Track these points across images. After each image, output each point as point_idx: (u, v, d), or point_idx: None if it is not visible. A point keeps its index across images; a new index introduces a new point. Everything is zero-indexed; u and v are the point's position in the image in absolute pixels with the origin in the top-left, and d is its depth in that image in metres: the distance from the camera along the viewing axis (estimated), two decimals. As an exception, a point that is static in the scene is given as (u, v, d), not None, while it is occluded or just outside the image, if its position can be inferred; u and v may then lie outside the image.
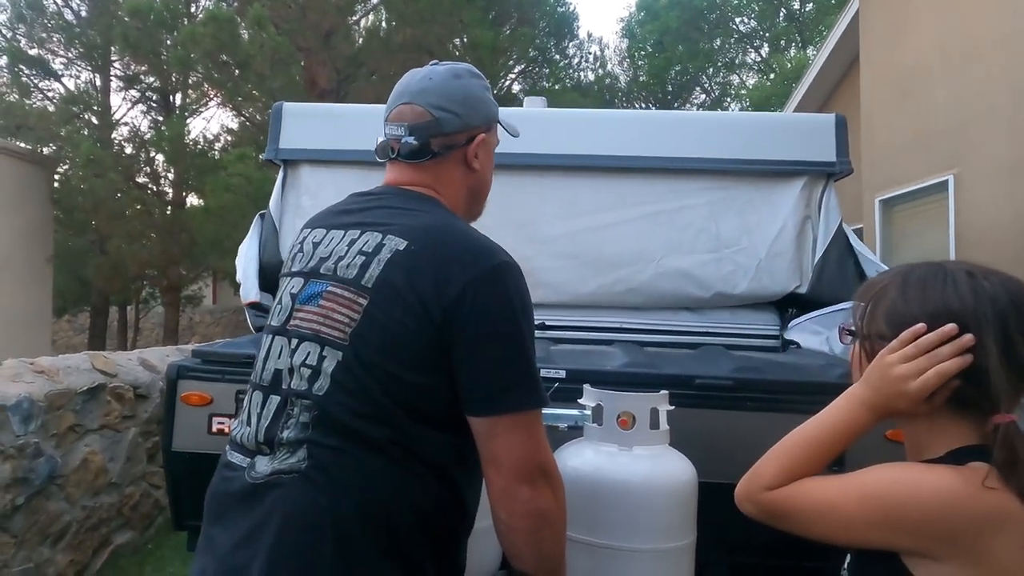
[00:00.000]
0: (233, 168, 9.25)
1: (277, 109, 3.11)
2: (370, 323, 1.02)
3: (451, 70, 1.23)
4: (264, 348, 1.12)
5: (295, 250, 1.18)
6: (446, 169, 1.19)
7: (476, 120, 1.21)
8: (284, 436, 1.02)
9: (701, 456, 1.68)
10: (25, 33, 12.08)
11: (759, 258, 2.87)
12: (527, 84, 16.34)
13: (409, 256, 1.04)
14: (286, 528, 0.98)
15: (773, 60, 20.68)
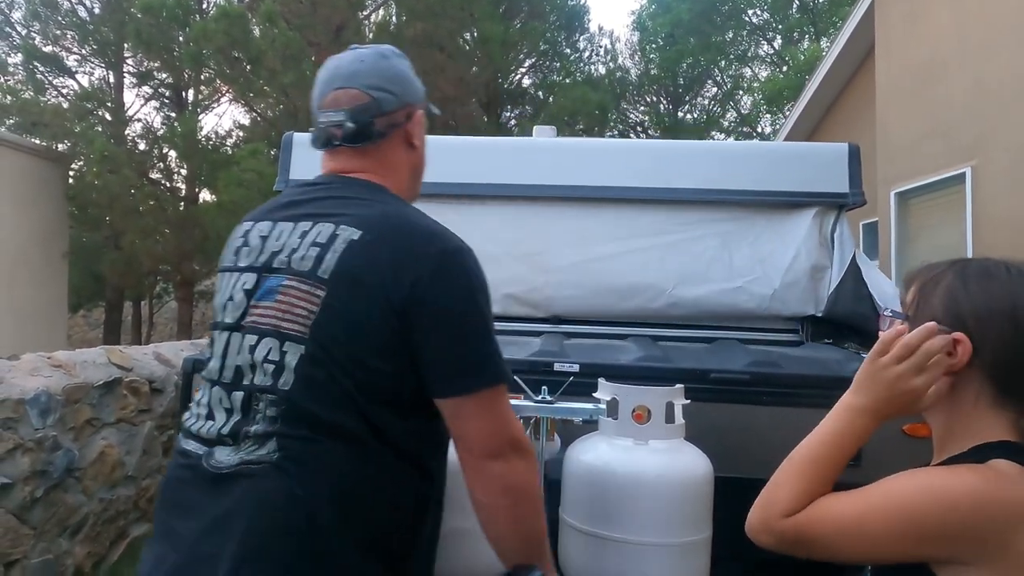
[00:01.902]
0: (245, 163, 9.29)
1: (287, 139, 3.11)
2: (329, 314, 1.02)
3: (378, 51, 1.22)
4: (220, 345, 1.10)
5: (238, 243, 1.15)
6: (390, 150, 1.20)
7: (411, 97, 1.22)
8: (252, 430, 1.02)
9: (716, 451, 1.67)
10: (39, 31, 12.18)
11: (773, 287, 2.86)
12: (537, 78, 16.29)
13: (364, 246, 1.04)
14: (260, 517, 0.97)
15: (786, 52, 20.49)
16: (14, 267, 9.57)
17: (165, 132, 12.24)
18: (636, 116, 23.01)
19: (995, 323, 0.88)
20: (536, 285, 2.92)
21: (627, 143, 3.45)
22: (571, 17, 16.70)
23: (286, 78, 9.72)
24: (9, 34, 12.36)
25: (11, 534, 2.59)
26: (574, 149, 3.09)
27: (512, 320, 2.95)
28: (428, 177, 2.96)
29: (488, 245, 2.95)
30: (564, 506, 1.64)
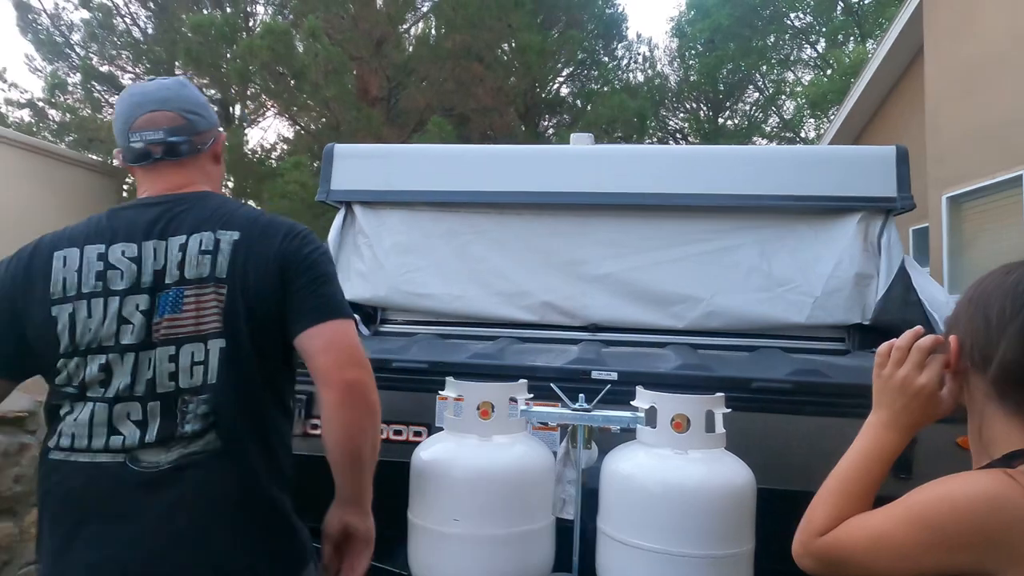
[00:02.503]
0: (289, 175, 9.52)
1: (328, 151, 3.16)
2: (234, 304, 1.21)
3: (178, 80, 1.39)
4: (124, 365, 1.19)
5: (98, 268, 1.21)
6: (203, 165, 1.38)
7: (214, 120, 1.42)
8: (185, 430, 1.17)
9: (758, 461, 1.63)
10: (97, 51, 12.71)
11: (815, 295, 2.78)
12: (575, 87, 16.29)
13: (246, 242, 1.24)
14: (212, 497, 1.16)
15: (830, 55, 20.05)
16: (71, 277, 9.96)
17: (213, 146, 12.60)
18: (675, 123, 22.81)
19: (973, 322, 0.90)
20: (573, 293, 2.91)
21: (664, 149, 3.38)
22: (609, 25, 16.67)
23: (328, 92, 9.94)
24: (69, 55, 12.93)
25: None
26: (611, 156, 3.06)
27: (549, 328, 2.94)
28: (466, 186, 3.01)
29: (526, 254, 2.96)
30: (602, 515, 1.62)
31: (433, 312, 2.99)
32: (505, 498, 1.54)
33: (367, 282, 3.02)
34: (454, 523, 1.51)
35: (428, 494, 1.57)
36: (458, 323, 3.00)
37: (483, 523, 1.51)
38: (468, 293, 2.95)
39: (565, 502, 1.65)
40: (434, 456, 1.59)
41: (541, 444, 1.69)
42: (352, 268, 3.06)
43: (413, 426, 2.18)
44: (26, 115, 15.76)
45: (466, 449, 1.57)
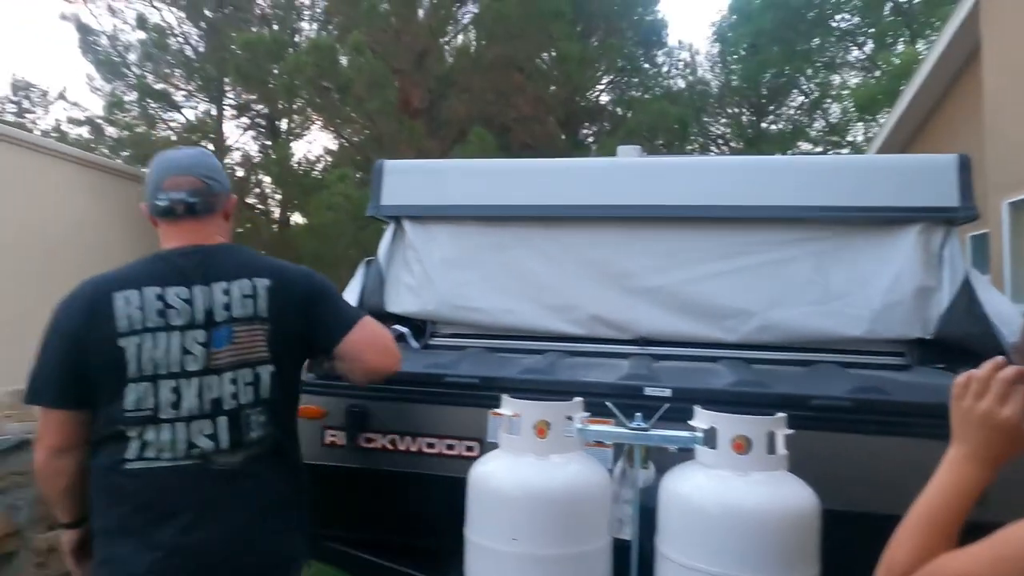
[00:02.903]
0: (334, 188, 9.69)
1: (379, 167, 3.19)
2: (276, 336, 1.54)
3: (201, 152, 1.73)
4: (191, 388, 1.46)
5: (158, 306, 1.47)
6: (217, 221, 1.65)
7: (227, 185, 1.70)
8: (251, 436, 1.50)
9: (817, 482, 1.59)
10: (151, 70, 13.20)
11: (873, 309, 2.69)
12: (615, 95, 16.21)
13: (277, 287, 1.56)
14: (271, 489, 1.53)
15: (879, 57, 19.51)
16: (128, 288, 10.33)
17: (261, 159, 12.96)
18: (717, 129, 22.50)
19: None
20: (622, 306, 2.88)
21: (715, 160, 3.31)
22: (649, 32, 16.55)
23: (372, 104, 10.10)
24: (126, 74, 13.46)
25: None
26: (660, 168, 3.03)
27: (598, 341, 2.92)
28: (515, 200, 3.02)
29: (574, 267, 2.95)
30: (660, 536, 1.60)
31: (482, 326, 3.00)
32: (563, 518, 1.53)
33: (417, 296, 3.05)
34: (512, 542, 1.51)
35: (486, 512, 1.57)
36: (506, 336, 3.01)
37: (541, 543, 1.51)
38: (517, 307, 2.95)
39: (622, 522, 1.64)
40: (491, 474, 1.60)
41: (597, 463, 1.68)
42: (401, 282, 3.10)
43: (465, 441, 2.19)
44: (85, 132, 16.49)
45: (523, 468, 1.57)
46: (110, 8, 13.37)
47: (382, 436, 2.25)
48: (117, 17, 13.50)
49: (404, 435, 2.24)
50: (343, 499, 2.30)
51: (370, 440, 2.26)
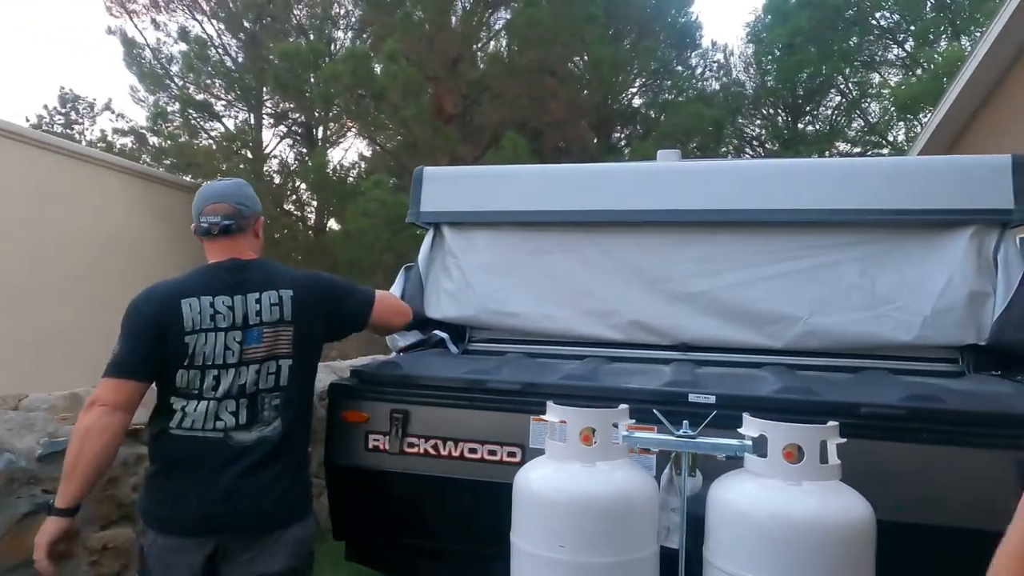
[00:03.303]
0: (369, 194, 9.81)
1: (418, 174, 3.22)
2: (299, 337, 1.90)
3: (236, 182, 2.05)
4: (226, 376, 1.81)
5: (210, 312, 1.83)
6: (248, 239, 1.99)
7: (257, 209, 2.04)
8: (263, 415, 1.83)
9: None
10: (193, 81, 13.57)
11: (924, 314, 2.62)
12: (648, 97, 16.10)
13: (299, 295, 1.92)
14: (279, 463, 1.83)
15: (920, 55, 19.03)
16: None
17: (297, 167, 13.20)
18: (752, 131, 22.18)
19: None
20: (663, 312, 2.85)
21: (757, 163, 3.25)
22: (683, 34, 16.40)
23: (407, 111, 10.20)
24: (168, 86, 13.86)
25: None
26: (701, 172, 3.00)
27: (638, 347, 2.90)
28: (553, 205, 3.02)
29: (614, 272, 2.93)
30: (709, 546, 1.58)
31: (521, 331, 3.01)
32: (610, 525, 1.52)
33: (456, 301, 3.07)
34: (560, 549, 1.50)
35: (532, 518, 1.57)
36: (545, 342, 3.01)
37: (589, 550, 1.50)
38: (556, 312, 2.95)
39: (670, 530, 1.62)
40: (537, 480, 1.60)
41: (644, 470, 1.66)
42: (441, 288, 3.13)
43: (507, 446, 2.19)
44: (129, 142, 17.00)
45: (569, 475, 1.56)
46: (154, 22, 13.81)
47: (424, 441, 2.27)
48: (160, 30, 13.94)
49: (446, 440, 2.25)
50: (386, 502, 2.32)
51: (412, 445, 2.28)
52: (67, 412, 2.47)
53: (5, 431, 2.20)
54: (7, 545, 2.11)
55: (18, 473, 2.15)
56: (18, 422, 2.27)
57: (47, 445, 2.26)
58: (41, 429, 2.30)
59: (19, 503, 2.15)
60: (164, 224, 10.53)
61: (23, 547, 2.15)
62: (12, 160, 7.98)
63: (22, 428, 2.25)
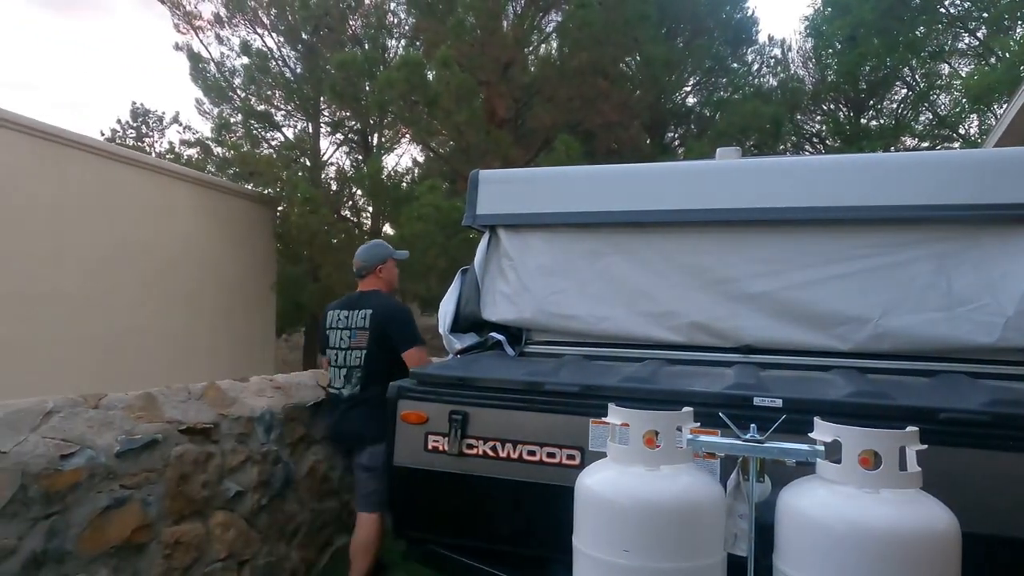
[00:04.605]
0: (424, 199, 9.94)
1: (474, 177, 3.25)
2: (370, 339, 3.14)
3: (367, 245, 3.45)
4: (340, 357, 3.22)
5: (336, 317, 3.28)
6: (370, 279, 3.34)
7: (372, 262, 3.34)
8: (351, 382, 3.17)
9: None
10: (254, 92, 14.05)
11: (1006, 316, 2.48)
12: (702, 96, 15.81)
13: (375, 315, 3.17)
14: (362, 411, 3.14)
15: (994, 43, 18.06)
16: (232, 297, 11.00)
17: (354, 173, 13.49)
18: (811, 127, 21.49)
19: None
20: (724, 314, 2.78)
21: (821, 159, 3.12)
22: (738, 31, 16.04)
23: (459, 116, 10.30)
24: (232, 98, 14.40)
25: (243, 537, 2.92)
26: (762, 169, 2.91)
27: (698, 349, 2.84)
28: (610, 206, 2.99)
29: (672, 273, 2.88)
30: (779, 554, 1.53)
31: (579, 333, 2.99)
32: (675, 531, 1.49)
33: (512, 304, 3.07)
34: (624, 554, 1.48)
35: (595, 522, 1.55)
36: (602, 344, 2.97)
37: (653, 556, 1.47)
38: (614, 314, 2.91)
39: (737, 537, 1.57)
40: (601, 484, 1.57)
41: (709, 475, 1.62)
42: (497, 290, 3.13)
43: (566, 449, 2.18)
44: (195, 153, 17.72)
45: (633, 479, 1.53)
46: (218, 37, 14.35)
47: (483, 443, 2.27)
48: (224, 45, 14.48)
49: (505, 442, 2.25)
50: (445, 504, 2.34)
51: (471, 446, 2.29)
52: (142, 411, 2.58)
53: (86, 428, 2.31)
54: (88, 537, 2.21)
55: (98, 468, 2.25)
56: (98, 420, 2.37)
57: (125, 442, 2.36)
58: (119, 427, 2.41)
59: (99, 497, 2.26)
60: (228, 232, 10.94)
61: (103, 539, 2.26)
62: (86, 170, 8.42)
63: (102, 426, 2.36)
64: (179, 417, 2.65)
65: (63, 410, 2.29)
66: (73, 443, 2.21)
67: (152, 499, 2.46)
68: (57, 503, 2.12)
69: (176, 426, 2.60)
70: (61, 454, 2.14)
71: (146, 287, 9.23)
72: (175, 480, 2.56)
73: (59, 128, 8.05)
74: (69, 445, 2.19)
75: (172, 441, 2.56)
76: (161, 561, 2.50)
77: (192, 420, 2.69)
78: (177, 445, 2.59)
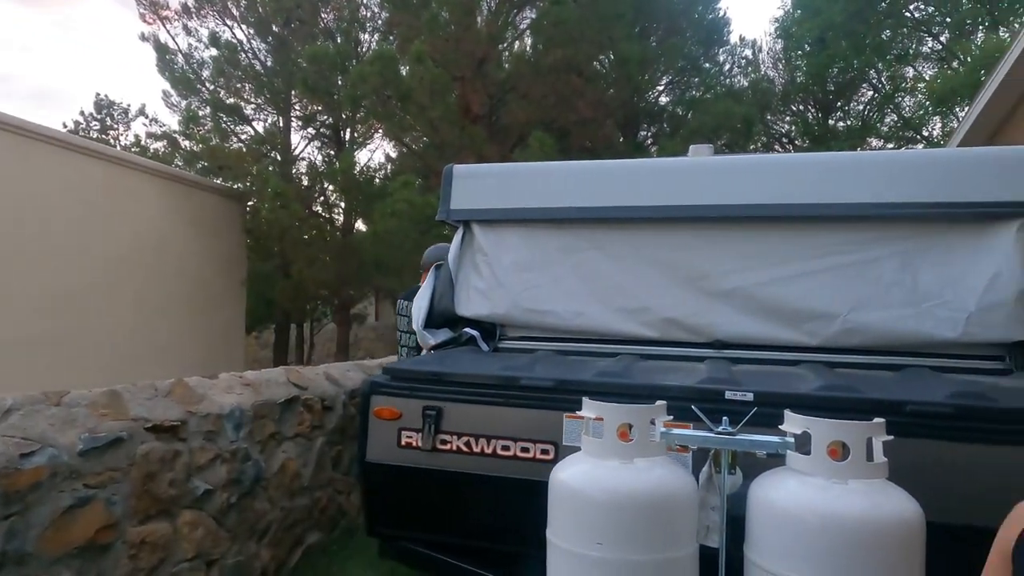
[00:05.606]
0: (397, 194, 9.87)
1: (447, 172, 3.23)
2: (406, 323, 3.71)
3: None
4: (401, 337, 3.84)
5: (400, 307, 3.85)
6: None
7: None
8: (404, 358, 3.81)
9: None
10: (223, 85, 13.79)
11: (968, 311, 2.55)
12: (675, 95, 15.95)
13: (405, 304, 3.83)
14: None
15: (957, 47, 18.53)
16: (201, 294, 10.80)
17: (326, 169, 13.34)
18: (781, 127, 21.84)
19: None
20: (698, 309, 2.81)
21: (793, 157, 3.17)
22: (710, 31, 16.21)
23: (434, 112, 10.25)
24: (200, 90, 14.12)
25: (212, 536, 2.87)
26: (735, 166, 2.95)
27: (671, 344, 2.86)
28: (585, 202, 3.00)
29: (647, 269, 2.90)
30: (750, 544, 1.55)
31: (554, 329, 2.99)
32: (648, 523, 1.49)
33: (487, 299, 3.06)
34: (597, 547, 1.48)
35: (569, 515, 1.55)
36: (576, 339, 2.98)
37: (626, 548, 1.48)
38: (588, 309, 2.92)
39: (709, 529, 1.59)
40: (575, 478, 1.57)
41: (682, 468, 1.63)
42: (471, 286, 3.12)
43: (540, 444, 2.18)
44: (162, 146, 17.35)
45: (607, 472, 1.54)
46: (185, 27, 14.05)
47: (457, 438, 2.26)
48: (192, 36, 14.19)
49: (479, 437, 2.24)
50: (419, 500, 2.32)
51: (445, 442, 2.28)
52: (107, 409, 2.52)
53: (47, 426, 2.24)
54: (50, 537, 2.15)
55: (60, 467, 2.19)
56: (60, 418, 2.31)
57: (88, 441, 2.30)
58: (82, 425, 2.34)
59: (61, 497, 2.19)
60: (196, 224, 10.73)
61: (65, 539, 2.20)
62: (48, 163, 8.19)
63: (64, 424, 2.30)
64: (145, 415, 2.59)
65: (23, 408, 2.22)
66: (34, 441, 2.14)
67: (117, 498, 2.40)
68: (17, 503, 2.05)
69: (142, 424, 2.54)
70: (21, 453, 2.08)
71: (111, 283, 9.02)
72: (141, 479, 2.50)
73: (20, 119, 7.81)
74: (29, 444, 2.12)
75: (138, 439, 2.50)
76: (127, 561, 2.44)
77: (159, 418, 2.63)
78: (143, 443, 2.52)
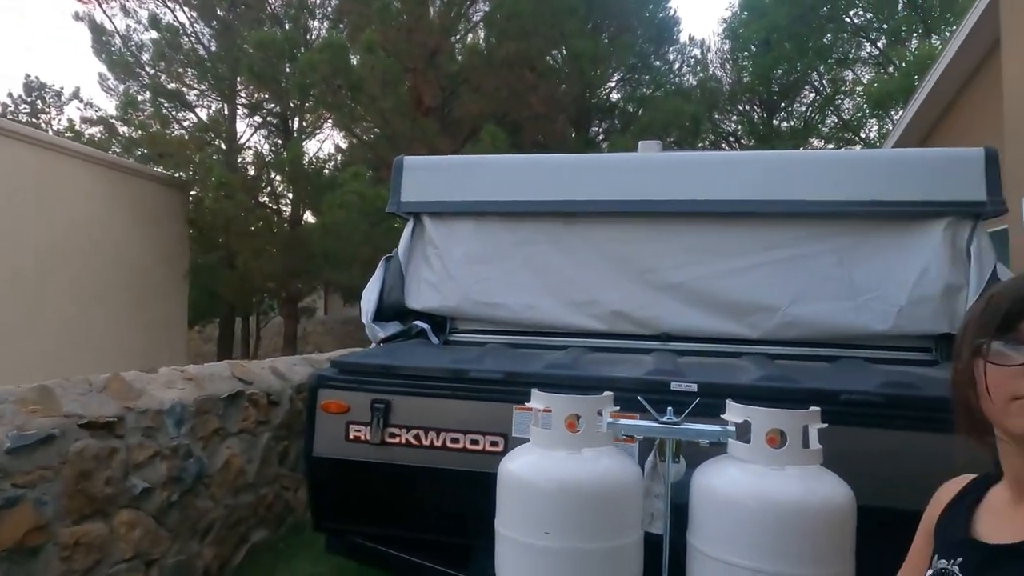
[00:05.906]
0: (347, 186, 9.71)
1: (398, 163, 3.19)
2: None
3: None
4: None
5: None
6: None
7: None
8: None
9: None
10: (164, 69, 13.28)
11: (899, 304, 2.68)
12: (626, 92, 16.16)
13: None
14: None
15: (892, 53, 19.34)
16: (140, 285, 10.41)
17: (273, 158, 13.01)
18: (728, 126, 22.38)
19: None
20: (645, 303, 2.87)
21: (738, 155, 3.29)
22: (660, 29, 16.47)
23: (385, 103, 10.11)
24: (139, 74, 13.55)
25: (151, 536, 2.78)
26: (683, 163, 3.01)
27: (619, 337, 2.91)
28: (536, 196, 3.01)
29: (597, 263, 2.93)
30: (692, 530, 1.59)
31: (504, 321, 3.00)
32: (595, 512, 1.52)
33: (437, 292, 3.05)
34: (545, 536, 1.50)
35: (517, 506, 1.56)
36: (526, 332, 3.00)
37: (573, 536, 1.50)
38: (538, 302, 2.94)
39: (654, 516, 1.62)
40: (523, 467, 1.59)
41: (628, 457, 1.66)
42: (422, 278, 3.10)
43: (490, 436, 2.18)
44: (98, 132, 16.61)
45: (554, 462, 1.56)
46: (123, 8, 13.47)
47: (406, 431, 2.25)
48: (130, 17, 13.61)
49: (428, 430, 2.23)
50: (368, 494, 2.30)
51: (394, 435, 2.26)
52: (37, 405, 2.40)
53: (-28, 424, 2.13)
54: (-25, 540, 2.05)
55: (-14, 467, 2.09)
56: (-15, 415, 2.20)
57: (16, 438, 2.19)
58: (10, 422, 2.23)
59: (-12, 497, 2.09)
60: (136, 213, 10.32)
61: (-7, 541, 2.10)
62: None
63: (-11, 421, 2.19)
64: (79, 411, 2.48)
65: (-56, 404, 2.11)
66: (-44, 439, 2.03)
67: (48, 498, 2.30)
68: (-63, 505, 1.95)
69: (75, 420, 2.44)
70: (-59, 452, 1.97)
71: (43, 273, 8.60)
72: (74, 477, 2.40)
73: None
74: (-49, 442, 2.01)
75: (71, 436, 2.40)
76: (59, 563, 2.34)
77: (93, 414, 2.53)
78: (76, 440, 2.42)
